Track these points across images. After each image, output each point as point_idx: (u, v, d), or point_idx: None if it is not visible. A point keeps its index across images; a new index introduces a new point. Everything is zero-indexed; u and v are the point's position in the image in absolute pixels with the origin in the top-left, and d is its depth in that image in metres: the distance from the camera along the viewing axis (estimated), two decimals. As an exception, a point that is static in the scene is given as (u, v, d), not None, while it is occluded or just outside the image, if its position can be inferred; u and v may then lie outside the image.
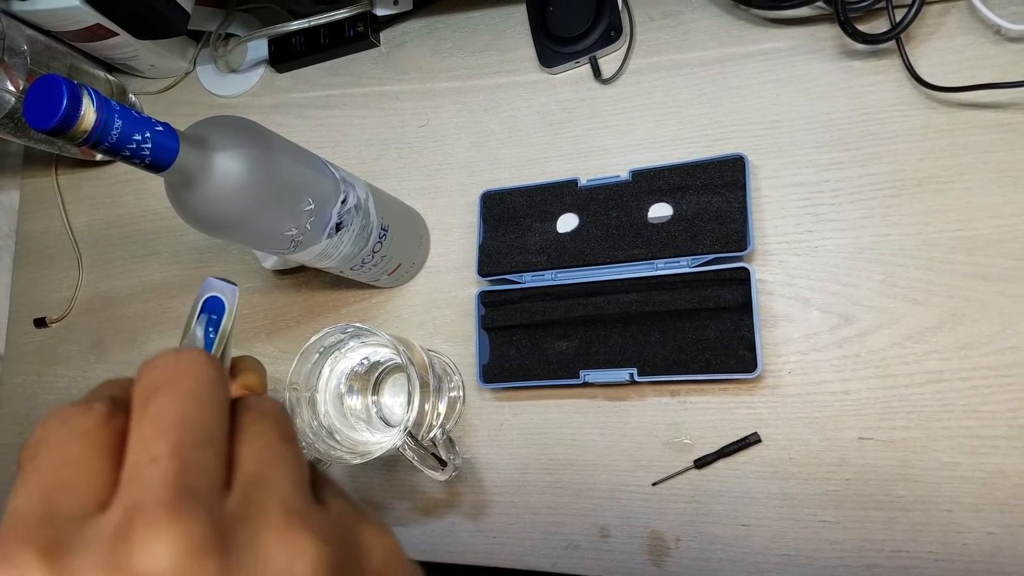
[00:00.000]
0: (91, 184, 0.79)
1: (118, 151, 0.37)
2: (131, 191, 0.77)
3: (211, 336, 0.34)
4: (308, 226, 0.48)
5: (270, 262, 0.64)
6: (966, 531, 0.47)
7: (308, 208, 0.47)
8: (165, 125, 0.39)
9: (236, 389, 0.34)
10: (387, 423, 0.57)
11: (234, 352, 0.36)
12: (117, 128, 0.36)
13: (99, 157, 0.76)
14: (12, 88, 0.64)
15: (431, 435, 0.54)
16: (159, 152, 0.38)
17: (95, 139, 0.35)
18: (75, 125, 0.34)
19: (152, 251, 0.74)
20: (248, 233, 0.46)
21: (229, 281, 0.34)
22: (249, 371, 0.33)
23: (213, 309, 0.34)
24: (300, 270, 0.66)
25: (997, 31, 0.51)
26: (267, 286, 0.68)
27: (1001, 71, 0.50)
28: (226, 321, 0.34)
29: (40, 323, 0.77)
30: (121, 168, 0.78)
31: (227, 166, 0.42)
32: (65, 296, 0.76)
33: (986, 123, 0.51)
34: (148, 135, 0.37)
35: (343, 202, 0.50)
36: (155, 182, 0.76)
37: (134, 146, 0.37)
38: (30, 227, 0.81)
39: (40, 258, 0.79)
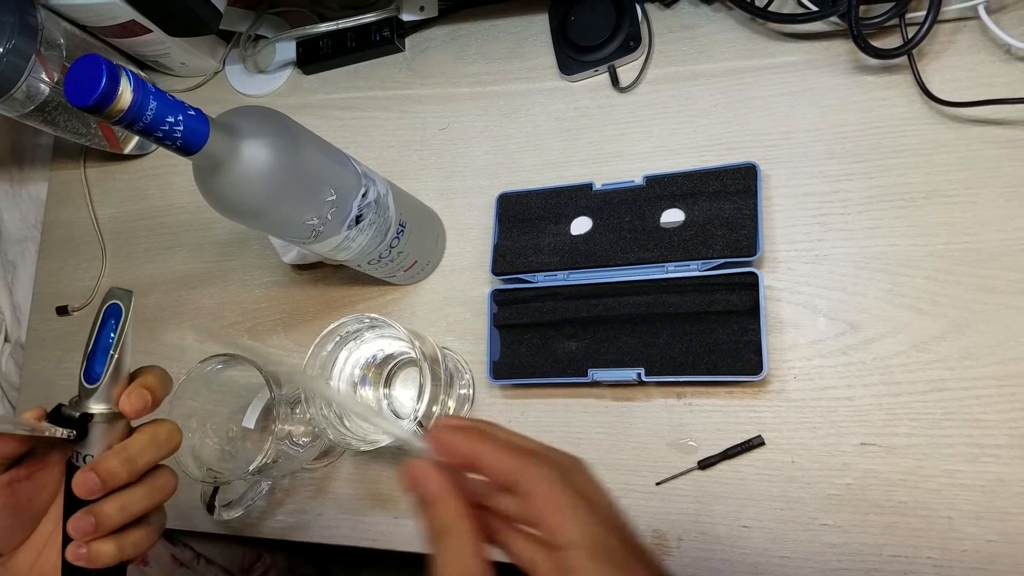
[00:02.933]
0: (118, 177, 0.81)
1: (151, 132, 0.38)
2: (157, 185, 0.79)
3: (110, 339, 0.38)
4: (329, 217, 0.50)
5: (290, 256, 0.65)
6: (965, 538, 0.47)
7: (330, 199, 0.49)
8: (197, 110, 0.40)
9: (135, 388, 0.40)
10: (397, 416, 0.59)
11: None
12: (152, 109, 0.38)
13: (127, 151, 0.78)
14: (47, 79, 0.66)
15: (440, 428, 0.55)
16: (190, 135, 0.40)
17: (130, 118, 0.37)
18: (112, 103, 0.36)
19: (175, 244, 0.76)
20: (271, 220, 0.48)
21: (127, 290, 0.39)
22: (149, 373, 0.40)
23: (114, 314, 0.39)
24: (318, 265, 0.68)
25: (1007, 50, 0.53)
26: (285, 280, 0.70)
27: (1011, 89, 0.51)
28: (123, 323, 0.38)
29: (62, 311, 0.79)
30: (148, 163, 0.80)
31: (254, 153, 0.44)
32: (88, 285, 0.78)
33: (995, 139, 0.52)
34: (180, 118, 0.39)
35: (364, 195, 0.52)
36: (181, 177, 0.78)
37: (167, 128, 0.39)
38: (57, 217, 0.83)
39: (65, 248, 0.82)
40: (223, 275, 0.73)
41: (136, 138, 0.79)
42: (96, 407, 0.39)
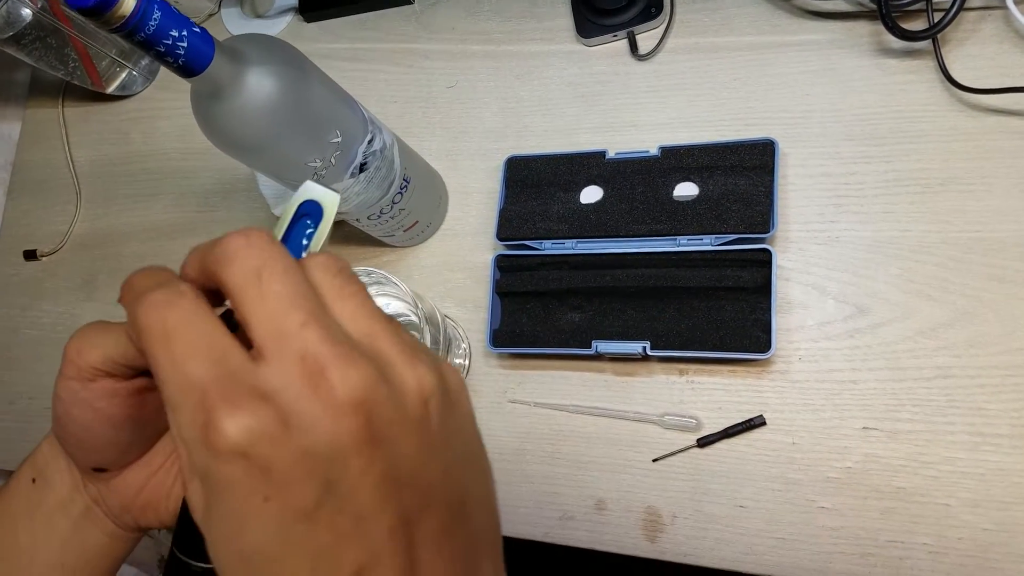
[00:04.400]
0: (99, 118, 0.77)
1: (152, 45, 0.36)
2: (140, 129, 0.75)
3: (303, 242, 0.33)
4: (333, 160, 0.47)
5: (280, 208, 0.63)
6: (962, 526, 0.47)
7: (335, 140, 0.46)
8: (202, 29, 0.38)
9: None
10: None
11: None
12: (155, 19, 0.35)
13: (110, 90, 0.75)
14: (31, 3, 0.63)
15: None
16: (193, 55, 0.37)
17: (132, 26, 0.34)
18: (114, 7, 0.33)
19: (157, 191, 0.73)
20: (271, 157, 0.45)
21: (331, 188, 0.33)
22: None
23: (310, 213, 0.33)
24: (311, 220, 0.65)
25: (1031, 42, 0.53)
26: (274, 234, 0.67)
27: (1032, 81, 0.51)
28: (323, 227, 0.33)
29: (30, 255, 0.75)
30: (132, 104, 0.76)
31: (259, 82, 0.41)
32: (59, 230, 0.75)
33: (1013, 129, 0.51)
34: (185, 34, 0.36)
35: (370, 142, 0.50)
36: (167, 122, 0.74)
37: (170, 42, 0.36)
38: (30, 157, 0.79)
39: (37, 189, 0.78)
40: (206, 226, 0.70)
41: (120, 78, 0.75)
42: None
